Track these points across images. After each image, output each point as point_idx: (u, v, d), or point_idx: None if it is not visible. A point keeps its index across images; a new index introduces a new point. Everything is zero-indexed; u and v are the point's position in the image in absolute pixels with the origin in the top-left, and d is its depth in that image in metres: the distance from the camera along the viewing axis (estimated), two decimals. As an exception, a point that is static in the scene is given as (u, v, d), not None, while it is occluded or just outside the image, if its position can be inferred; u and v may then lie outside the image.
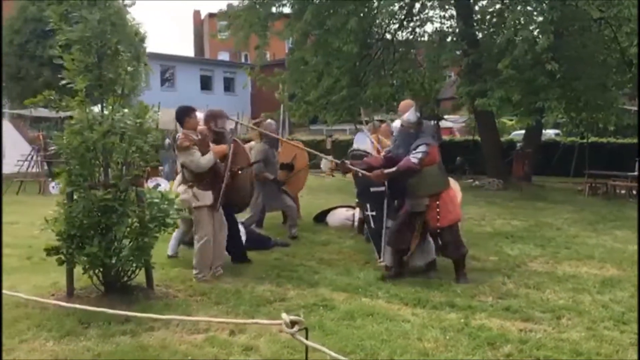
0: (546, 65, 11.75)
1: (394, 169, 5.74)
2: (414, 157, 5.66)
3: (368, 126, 8.91)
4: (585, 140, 18.10)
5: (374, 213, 6.40)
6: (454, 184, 6.30)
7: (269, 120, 9.26)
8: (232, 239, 6.38)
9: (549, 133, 24.00)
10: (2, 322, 3.50)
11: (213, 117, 6.39)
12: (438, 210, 5.79)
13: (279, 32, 15.79)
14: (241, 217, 7.99)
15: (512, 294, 5.43)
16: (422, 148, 5.70)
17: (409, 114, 5.92)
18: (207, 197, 5.82)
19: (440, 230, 5.87)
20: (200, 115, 6.20)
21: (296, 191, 9.48)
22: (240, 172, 6.16)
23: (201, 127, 6.03)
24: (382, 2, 13.67)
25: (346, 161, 6.39)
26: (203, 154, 5.72)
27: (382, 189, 6.27)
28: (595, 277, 6.04)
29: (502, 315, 4.77)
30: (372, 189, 6.39)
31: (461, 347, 4.10)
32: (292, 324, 2.31)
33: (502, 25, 14.59)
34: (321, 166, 21.01)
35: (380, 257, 6.30)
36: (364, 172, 6.04)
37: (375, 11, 15.28)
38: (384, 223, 6.30)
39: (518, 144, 18.33)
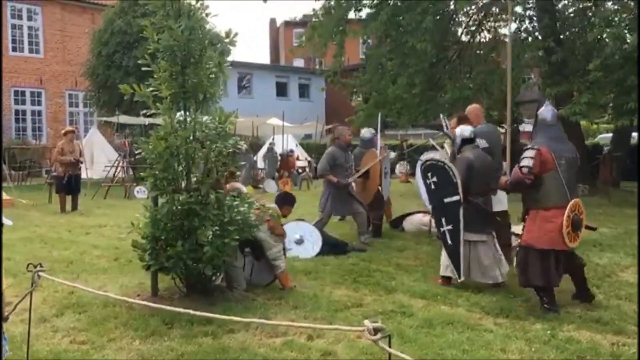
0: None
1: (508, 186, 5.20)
2: (522, 167, 4.93)
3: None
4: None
5: (450, 227, 5.74)
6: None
7: (341, 127, 9.24)
8: None
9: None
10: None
11: None
12: (524, 224, 5.16)
13: (355, 31, 15.79)
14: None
15: (602, 305, 5.15)
16: (527, 153, 4.96)
17: (545, 110, 5.20)
18: None
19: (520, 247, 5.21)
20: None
21: (368, 196, 9.25)
22: None
23: None
24: (460, 2, 13.39)
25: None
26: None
27: (457, 198, 5.65)
28: (694, 289, 5.63)
29: (592, 328, 4.53)
30: (445, 200, 5.77)
31: (548, 360, 3.92)
32: (375, 331, 2.27)
33: (586, 23, 13.96)
34: (396, 171, 20.82)
35: (460, 277, 5.70)
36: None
37: (452, 13, 15.00)
38: (460, 237, 5.68)
39: (605, 148, 17.44)
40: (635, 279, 6.13)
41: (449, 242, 5.78)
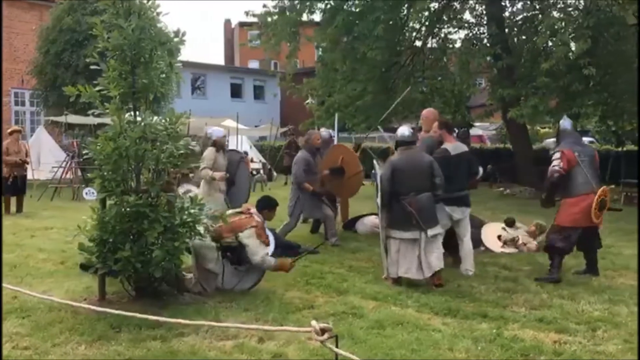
0: (583, 70, 11.53)
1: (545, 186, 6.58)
2: (554, 166, 6.23)
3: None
4: (620, 149, 17.67)
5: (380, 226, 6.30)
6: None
7: (310, 130, 9.28)
8: None
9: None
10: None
11: None
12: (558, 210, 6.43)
13: (309, 37, 15.84)
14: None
15: (546, 304, 5.32)
16: (555, 156, 6.29)
17: (565, 122, 6.67)
18: None
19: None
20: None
21: (347, 196, 9.28)
22: None
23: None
24: (413, 9, 13.58)
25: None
26: None
27: (378, 200, 6.10)
28: (632, 288, 5.88)
29: (535, 326, 4.68)
30: (376, 201, 6.27)
31: (493, 358, 4.03)
32: (322, 331, 2.29)
33: (533, 31, 14.41)
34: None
35: (383, 272, 6.16)
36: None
37: (405, 19, 15.23)
38: (382, 236, 6.14)
39: (550, 152, 17.98)
40: (578, 279, 6.35)
41: (380, 240, 6.16)
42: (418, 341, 4.29)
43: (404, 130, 6.26)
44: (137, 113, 5.18)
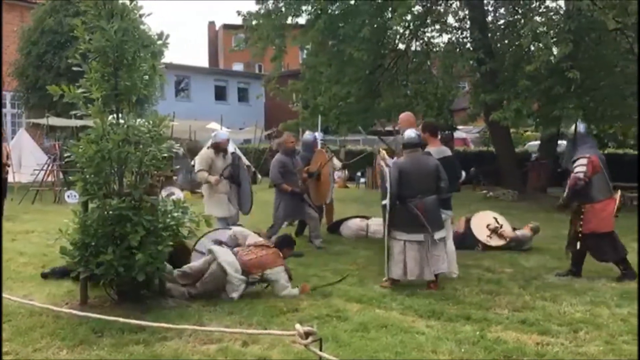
0: (566, 73, 11.65)
1: (567, 192, 6.35)
2: (578, 173, 6.15)
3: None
4: (602, 151, 17.85)
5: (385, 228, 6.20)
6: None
7: (286, 133, 9.28)
8: None
9: (565, 143, 23.74)
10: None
11: None
12: (582, 217, 6.26)
13: (294, 37, 15.82)
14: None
15: (529, 306, 5.36)
16: (580, 162, 6.20)
17: (580, 125, 6.64)
18: None
19: (582, 236, 6.30)
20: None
21: (323, 197, 9.16)
22: None
23: None
24: (396, 12, 13.61)
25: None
26: None
27: (384, 202, 6.06)
28: (613, 289, 5.94)
29: (518, 328, 4.71)
30: (382, 202, 6.21)
31: (477, 360, 4.05)
32: (306, 334, 2.29)
33: (515, 35, 14.54)
34: (335, 176, 20.93)
35: (386, 275, 6.08)
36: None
37: (388, 22, 15.29)
38: (385, 238, 6.11)
39: (533, 155, 18.16)
40: (560, 281, 6.40)
41: (385, 242, 6.10)
42: (402, 344, 4.30)
43: (410, 132, 6.21)
44: (120, 115, 5.14)
